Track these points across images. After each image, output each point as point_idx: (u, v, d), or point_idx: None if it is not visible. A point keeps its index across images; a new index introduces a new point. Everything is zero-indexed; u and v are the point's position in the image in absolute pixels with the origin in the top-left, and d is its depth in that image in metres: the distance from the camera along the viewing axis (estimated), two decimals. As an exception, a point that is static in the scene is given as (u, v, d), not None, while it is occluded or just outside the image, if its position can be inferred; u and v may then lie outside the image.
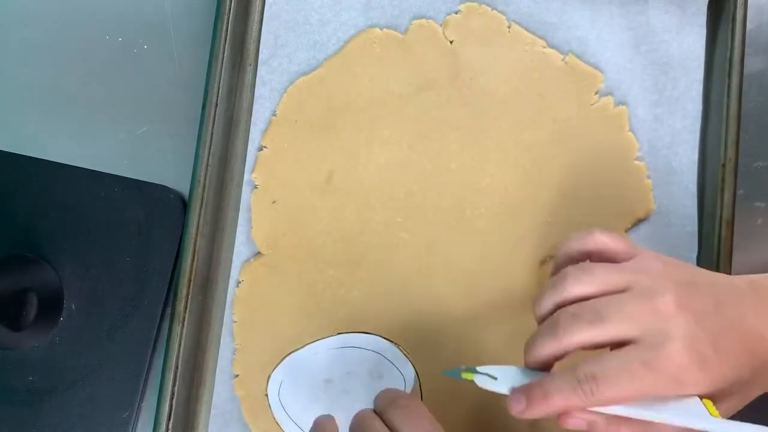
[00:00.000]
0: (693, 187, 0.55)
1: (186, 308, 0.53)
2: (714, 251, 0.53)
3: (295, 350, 0.54)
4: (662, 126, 0.55)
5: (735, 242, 0.53)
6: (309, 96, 0.56)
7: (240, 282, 0.55)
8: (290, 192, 0.56)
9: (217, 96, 0.55)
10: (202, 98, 0.55)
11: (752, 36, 0.56)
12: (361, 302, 0.55)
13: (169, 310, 0.56)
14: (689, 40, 0.56)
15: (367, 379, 0.54)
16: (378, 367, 0.54)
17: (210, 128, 0.54)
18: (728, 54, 0.55)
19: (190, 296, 0.53)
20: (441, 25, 0.57)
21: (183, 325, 0.53)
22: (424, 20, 0.57)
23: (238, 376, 0.54)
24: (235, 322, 0.55)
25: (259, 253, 0.56)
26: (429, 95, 0.56)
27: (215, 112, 0.55)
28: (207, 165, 0.54)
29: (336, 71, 0.57)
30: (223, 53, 0.55)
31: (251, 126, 0.57)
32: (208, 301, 0.56)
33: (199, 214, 0.54)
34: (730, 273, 0.53)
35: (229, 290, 0.55)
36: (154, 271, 0.56)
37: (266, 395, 0.54)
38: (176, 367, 0.52)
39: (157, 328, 0.56)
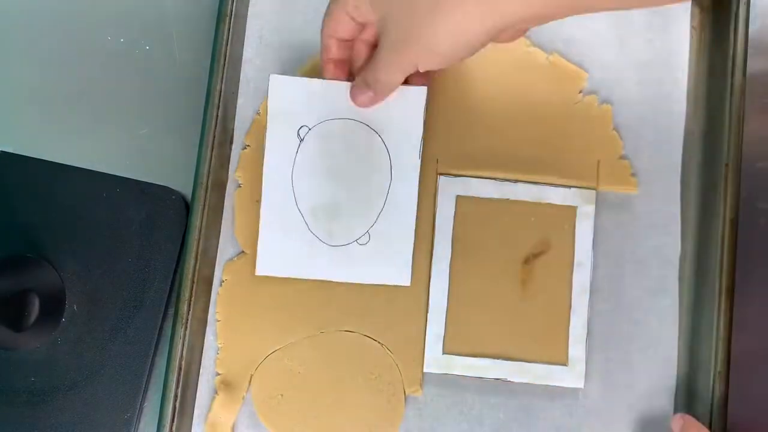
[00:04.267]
0: (677, 186, 0.55)
1: (189, 310, 0.53)
2: (718, 252, 0.53)
3: (278, 349, 0.54)
4: (646, 125, 0.56)
5: (738, 243, 0.53)
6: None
7: (223, 281, 0.55)
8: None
9: (219, 96, 0.55)
10: (203, 99, 0.55)
11: (755, 36, 0.56)
12: (344, 301, 0.55)
13: (170, 311, 0.56)
14: (674, 39, 0.56)
15: None
16: None
17: (212, 129, 0.54)
18: (731, 53, 0.55)
19: (192, 297, 0.53)
20: None
21: (186, 326, 0.53)
22: None
23: (219, 374, 0.54)
24: (218, 321, 0.55)
25: (242, 251, 0.56)
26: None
27: (217, 112, 0.55)
28: (209, 166, 0.54)
29: (319, 70, 0.56)
30: (225, 54, 0.55)
31: (235, 124, 0.57)
32: (211, 302, 0.56)
33: (202, 215, 0.54)
34: (734, 275, 0.53)
35: (213, 290, 0.55)
36: (155, 271, 0.56)
37: (242, 397, 0.54)
38: (179, 369, 0.52)
39: (158, 328, 0.56)
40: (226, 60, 0.55)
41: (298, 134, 0.54)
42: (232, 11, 0.55)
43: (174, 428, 0.52)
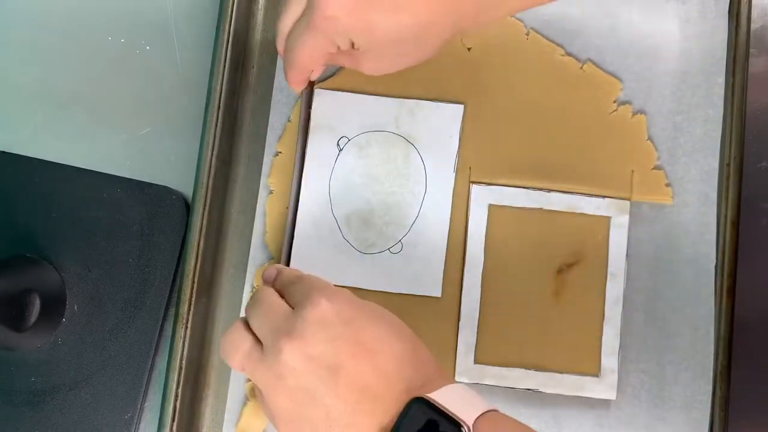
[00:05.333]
0: (713, 195, 0.54)
1: (189, 310, 0.53)
2: (720, 252, 0.53)
3: None
4: (682, 134, 0.55)
5: (740, 244, 0.53)
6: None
7: (255, 287, 0.55)
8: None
9: (220, 97, 0.55)
10: (204, 99, 0.55)
11: (756, 36, 0.56)
12: None
13: (171, 311, 0.56)
14: (710, 47, 0.55)
15: None
16: None
17: (213, 130, 0.54)
18: (732, 53, 0.55)
19: (193, 298, 0.53)
20: None
21: (187, 327, 0.53)
22: None
23: (250, 381, 0.54)
24: None
25: (273, 258, 0.56)
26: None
27: (218, 113, 0.55)
28: (210, 166, 0.54)
29: (353, 77, 0.56)
30: (226, 54, 0.55)
31: (267, 131, 0.57)
32: (212, 302, 0.56)
33: (202, 216, 0.54)
34: (734, 275, 0.53)
35: (244, 295, 0.55)
36: (156, 272, 0.56)
37: None
38: (180, 369, 0.52)
39: (159, 328, 0.56)
40: (226, 60, 0.55)
41: (338, 144, 0.55)
42: (232, 12, 0.55)
43: (175, 429, 0.52)
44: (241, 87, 0.57)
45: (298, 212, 0.55)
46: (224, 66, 0.55)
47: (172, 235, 0.56)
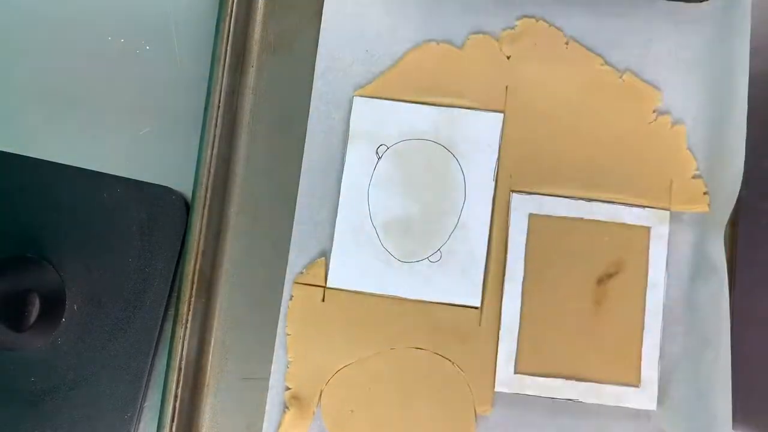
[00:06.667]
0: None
1: (189, 310, 0.53)
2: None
3: (348, 364, 0.54)
4: (719, 143, 0.54)
5: (739, 244, 0.53)
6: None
7: (293, 295, 0.55)
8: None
9: (220, 97, 0.55)
10: (204, 99, 0.55)
11: (755, 36, 0.56)
12: (415, 318, 0.54)
13: (171, 311, 0.56)
14: (739, 52, 0.55)
15: None
16: None
17: (213, 129, 0.55)
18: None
19: (193, 298, 0.53)
20: (498, 40, 0.56)
21: (186, 327, 0.53)
22: (481, 35, 0.56)
23: (290, 389, 0.54)
24: (288, 335, 0.55)
25: (311, 266, 0.56)
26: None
27: (218, 113, 0.55)
28: (210, 166, 0.54)
29: (391, 85, 0.56)
30: (225, 54, 0.55)
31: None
32: (212, 302, 0.56)
33: (202, 216, 0.54)
34: (734, 278, 0.52)
35: (282, 303, 0.55)
36: (156, 272, 0.56)
37: (313, 412, 0.54)
38: (180, 369, 0.52)
39: (159, 328, 0.56)
40: (226, 59, 0.55)
41: (377, 152, 0.55)
42: (232, 12, 0.55)
43: (174, 428, 0.52)
44: (241, 86, 0.57)
45: (337, 220, 0.55)
46: (224, 65, 0.55)
47: (171, 235, 0.56)
